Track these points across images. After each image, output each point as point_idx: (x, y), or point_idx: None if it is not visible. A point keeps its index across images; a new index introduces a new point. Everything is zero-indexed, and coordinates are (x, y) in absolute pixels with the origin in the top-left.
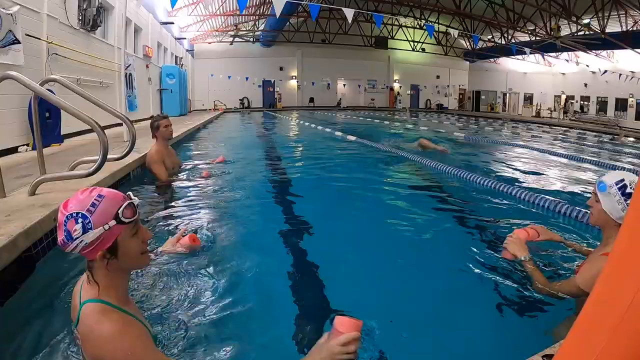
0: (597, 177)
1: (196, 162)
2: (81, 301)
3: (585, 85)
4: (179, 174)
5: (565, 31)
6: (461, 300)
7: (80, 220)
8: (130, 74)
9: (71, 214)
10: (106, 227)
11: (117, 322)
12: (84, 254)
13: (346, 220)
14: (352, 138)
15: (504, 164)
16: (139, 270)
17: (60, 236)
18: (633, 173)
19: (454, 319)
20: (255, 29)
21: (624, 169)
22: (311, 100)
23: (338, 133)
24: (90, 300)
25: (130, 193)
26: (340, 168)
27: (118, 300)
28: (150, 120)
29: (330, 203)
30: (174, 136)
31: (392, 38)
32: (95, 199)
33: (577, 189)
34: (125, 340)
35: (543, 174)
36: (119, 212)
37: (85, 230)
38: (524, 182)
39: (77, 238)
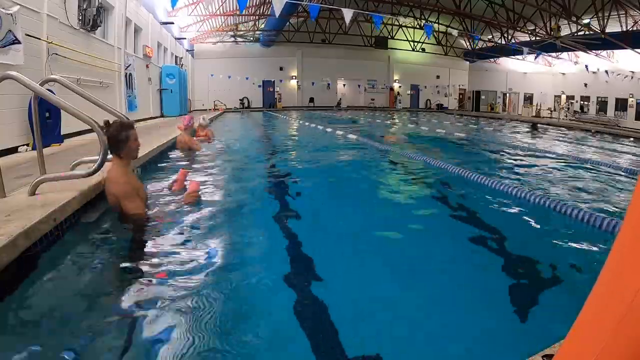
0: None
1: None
2: None
3: (585, 85)
4: None
5: (565, 31)
6: (461, 300)
7: None
8: (130, 74)
9: None
10: None
11: None
12: None
13: (346, 218)
14: (353, 137)
15: (504, 163)
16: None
17: None
18: (632, 172)
19: (454, 319)
20: (255, 29)
21: (622, 168)
22: (311, 100)
23: (339, 132)
24: None
25: None
26: (340, 166)
27: None
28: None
29: (330, 201)
30: (172, 137)
31: (392, 38)
32: None
33: (576, 188)
34: None
35: (543, 174)
36: None
37: None
38: (523, 182)
39: None
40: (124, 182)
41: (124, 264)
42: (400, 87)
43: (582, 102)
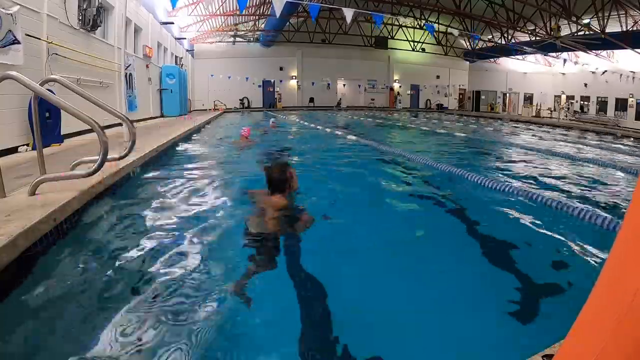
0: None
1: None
2: None
3: (585, 85)
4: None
5: (565, 31)
6: (461, 300)
7: None
8: (130, 74)
9: None
10: None
11: None
12: None
13: (346, 219)
14: (353, 137)
15: (504, 164)
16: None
17: None
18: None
19: (454, 319)
20: (255, 29)
21: (623, 168)
22: (311, 100)
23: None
24: None
25: None
26: (341, 166)
27: None
28: None
29: (331, 201)
30: (172, 137)
31: (392, 38)
32: None
33: (577, 188)
34: None
35: (544, 174)
36: None
37: None
38: (524, 181)
39: None
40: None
41: (124, 264)
42: (400, 87)
43: (582, 102)
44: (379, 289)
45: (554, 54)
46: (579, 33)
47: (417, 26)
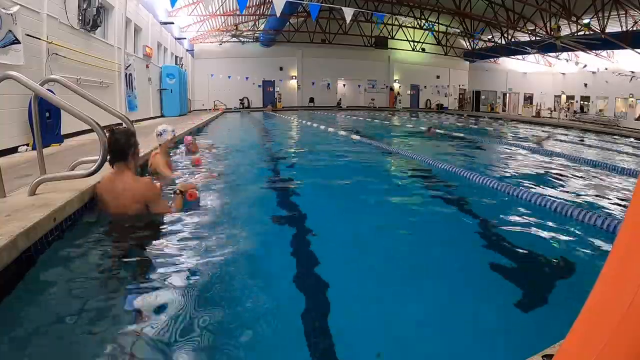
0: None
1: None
2: None
3: (585, 85)
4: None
5: (565, 31)
6: (461, 301)
7: None
8: (130, 74)
9: None
10: None
11: None
12: None
13: (347, 219)
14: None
15: (506, 164)
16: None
17: None
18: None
19: (454, 319)
20: (255, 29)
21: (623, 169)
22: (311, 100)
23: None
24: None
25: None
26: (342, 166)
27: None
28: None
29: (332, 201)
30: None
31: (392, 38)
32: None
33: (577, 188)
34: None
35: (545, 174)
36: None
37: None
38: (526, 182)
39: None
40: (151, 184)
41: (124, 264)
42: (400, 87)
43: (582, 102)
44: (379, 287)
45: (554, 54)
46: (579, 33)
47: (417, 26)
